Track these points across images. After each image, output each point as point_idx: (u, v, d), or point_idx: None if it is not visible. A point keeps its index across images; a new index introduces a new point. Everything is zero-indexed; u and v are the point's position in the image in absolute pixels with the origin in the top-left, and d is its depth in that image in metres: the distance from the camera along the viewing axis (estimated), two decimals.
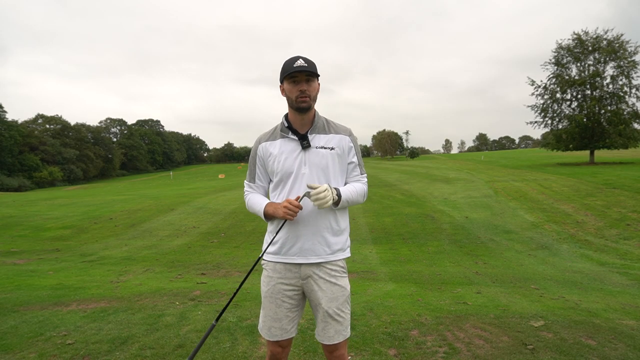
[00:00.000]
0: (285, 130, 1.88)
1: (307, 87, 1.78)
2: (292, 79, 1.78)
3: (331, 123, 1.95)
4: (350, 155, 1.94)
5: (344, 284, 1.90)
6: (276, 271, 1.88)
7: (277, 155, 1.86)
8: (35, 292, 4.94)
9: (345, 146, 1.91)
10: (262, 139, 1.95)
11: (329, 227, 1.86)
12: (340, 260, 1.90)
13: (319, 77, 1.85)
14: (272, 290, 1.88)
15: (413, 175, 28.16)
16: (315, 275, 1.85)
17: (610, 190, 13.82)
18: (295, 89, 1.78)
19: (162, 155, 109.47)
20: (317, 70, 1.81)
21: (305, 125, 1.88)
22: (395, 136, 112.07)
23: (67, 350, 2.96)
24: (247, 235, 11.29)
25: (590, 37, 26.97)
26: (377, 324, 3.51)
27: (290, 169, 1.84)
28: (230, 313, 3.83)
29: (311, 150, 1.84)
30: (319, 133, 1.88)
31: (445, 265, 7.75)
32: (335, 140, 1.89)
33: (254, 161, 1.98)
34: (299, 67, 1.74)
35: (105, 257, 8.63)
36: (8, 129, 62.14)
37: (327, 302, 1.84)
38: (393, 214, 13.36)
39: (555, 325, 3.45)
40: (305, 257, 1.83)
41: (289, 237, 1.84)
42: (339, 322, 1.85)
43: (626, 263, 7.63)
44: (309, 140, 1.85)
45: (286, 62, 1.81)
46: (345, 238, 1.94)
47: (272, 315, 1.87)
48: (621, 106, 26.32)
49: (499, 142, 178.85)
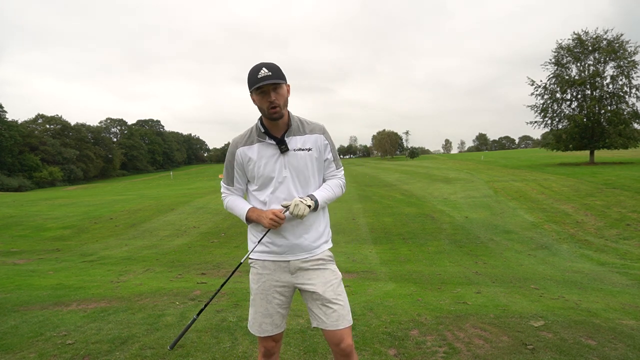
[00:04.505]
0: (262, 135, 1.89)
1: (276, 96, 1.77)
2: (259, 90, 1.77)
3: (305, 123, 1.97)
4: (326, 153, 1.98)
5: (333, 269, 1.95)
6: (266, 268, 1.92)
7: (257, 161, 1.89)
8: (36, 292, 4.94)
9: (321, 145, 1.96)
10: (239, 143, 1.94)
11: (312, 224, 1.92)
12: (326, 251, 1.97)
13: (286, 80, 1.83)
14: (263, 287, 1.92)
15: (413, 175, 28.16)
16: (304, 266, 1.90)
17: (610, 190, 13.81)
18: (264, 100, 1.78)
19: (162, 155, 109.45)
20: (283, 74, 1.80)
21: (281, 129, 1.89)
22: (395, 136, 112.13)
23: (67, 350, 2.96)
24: (247, 235, 11.29)
25: (590, 37, 26.96)
26: (377, 323, 3.51)
27: (272, 174, 1.87)
28: (230, 313, 3.83)
29: (289, 153, 1.88)
30: (295, 135, 1.91)
31: (445, 265, 7.75)
32: (311, 140, 1.93)
33: (231, 165, 1.97)
34: (263, 78, 1.73)
35: (105, 257, 8.63)
36: (8, 129, 62.12)
37: (323, 287, 1.87)
38: (393, 214, 13.36)
39: (555, 325, 3.45)
40: (293, 253, 1.89)
41: (275, 237, 1.89)
42: (340, 306, 1.87)
43: (626, 263, 7.63)
44: (286, 143, 1.87)
45: (250, 72, 1.78)
46: (328, 230, 2.02)
47: (262, 311, 1.90)
48: (621, 106, 26.32)
49: (498, 142, 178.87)
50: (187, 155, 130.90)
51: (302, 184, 1.90)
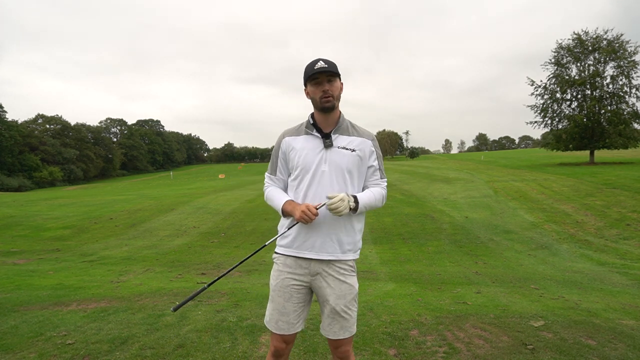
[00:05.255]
0: (310, 127, 1.93)
1: (330, 87, 1.84)
2: (314, 81, 1.84)
3: (356, 126, 1.99)
4: (371, 159, 1.97)
5: (352, 282, 1.93)
6: (286, 265, 1.92)
7: (299, 150, 1.91)
8: (36, 292, 4.94)
9: (367, 150, 1.95)
10: (286, 133, 1.99)
11: (343, 227, 1.89)
12: (350, 260, 1.93)
13: (341, 77, 1.90)
14: (281, 284, 1.91)
15: (413, 175, 28.16)
16: (324, 272, 1.88)
17: (610, 190, 13.81)
18: (318, 90, 1.84)
19: (162, 155, 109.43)
20: (338, 70, 1.87)
21: (329, 125, 1.92)
22: (395, 136, 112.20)
23: (67, 350, 2.96)
24: (247, 235, 11.30)
25: (590, 37, 26.95)
26: (377, 323, 3.51)
27: (310, 165, 1.88)
28: (230, 313, 3.83)
29: (333, 149, 1.89)
30: (342, 134, 1.93)
31: (445, 265, 7.75)
32: (357, 142, 1.93)
33: (276, 154, 2.01)
34: (319, 69, 1.80)
35: (105, 257, 8.63)
36: (8, 129, 62.09)
37: (335, 300, 1.87)
38: (393, 214, 13.36)
39: (555, 325, 3.45)
40: (316, 253, 1.87)
41: (302, 232, 1.87)
42: (345, 319, 1.88)
43: (626, 263, 7.64)
44: (332, 139, 1.89)
45: (307, 65, 1.86)
46: (358, 239, 1.97)
47: (279, 308, 1.90)
48: (621, 106, 26.30)
49: (498, 142, 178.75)
50: (187, 155, 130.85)
51: (340, 182, 1.87)
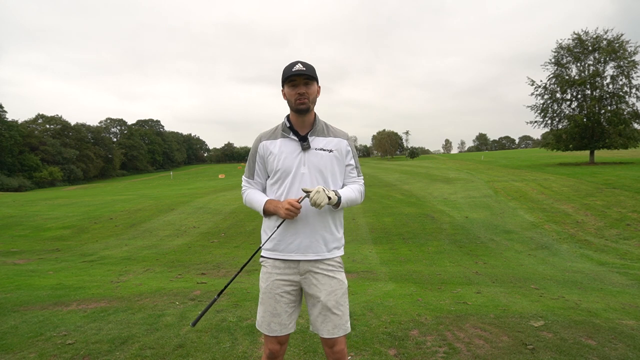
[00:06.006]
0: (286, 130, 1.96)
1: (306, 90, 1.87)
2: (291, 83, 1.87)
3: (330, 127, 2.03)
4: (348, 158, 2.02)
5: (342, 278, 1.96)
6: (275, 267, 1.93)
7: (278, 154, 1.93)
8: (35, 292, 4.94)
9: (343, 149, 1.99)
10: (263, 137, 2.01)
11: (327, 226, 1.93)
12: (337, 257, 1.97)
13: (318, 81, 1.93)
14: (271, 286, 1.93)
15: (413, 175, 28.16)
16: (313, 269, 1.91)
17: (610, 190, 13.81)
18: (294, 92, 1.87)
19: (162, 155, 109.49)
20: (316, 74, 1.89)
21: (305, 127, 1.95)
22: (395, 136, 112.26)
23: (67, 350, 2.96)
24: (247, 235, 11.30)
25: (590, 37, 26.94)
26: (377, 324, 3.51)
27: (290, 168, 1.90)
28: (230, 313, 3.83)
29: (310, 151, 1.92)
30: (319, 135, 1.96)
31: (445, 265, 7.75)
32: (334, 143, 1.98)
33: (253, 158, 2.03)
34: (297, 71, 1.83)
35: (105, 257, 8.63)
36: (8, 129, 62.10)
37: (326, 295, 1.89)
38: (393, 214, 13.36)
39: (555, 325, 3.45)
40: (303, 254, 1.90)
41: (288, 234, 1.90)
42: (338, 316, 1.89)
43: (626, 263, 7.64)
44: (309, 141, 1.92)
45: (286, 67, 1.89)
46: (341, 236, 2.02)
47: (271, 310, 1.92)
48: (621, 106, 26.28)
49: (499, 142, 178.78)
50: (187, 155, 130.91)
51: (320, 182, 1.91)
